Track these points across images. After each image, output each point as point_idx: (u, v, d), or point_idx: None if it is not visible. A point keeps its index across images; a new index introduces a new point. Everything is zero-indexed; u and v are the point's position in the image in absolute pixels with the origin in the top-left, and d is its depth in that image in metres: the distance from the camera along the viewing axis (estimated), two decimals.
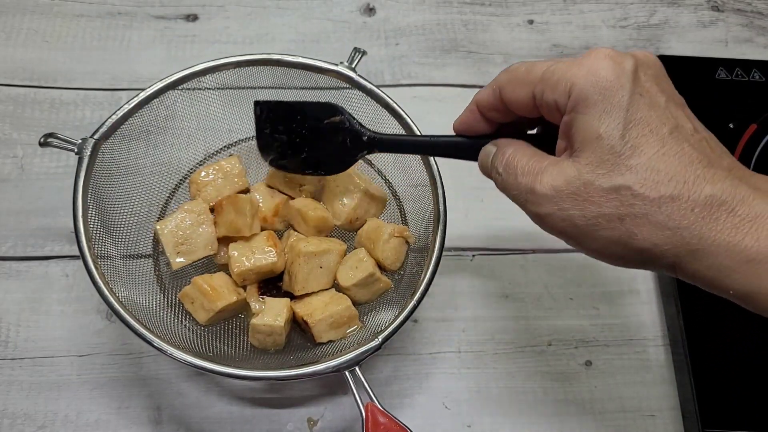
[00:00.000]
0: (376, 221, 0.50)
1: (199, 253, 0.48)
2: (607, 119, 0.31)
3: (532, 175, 0.34)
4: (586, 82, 0.31)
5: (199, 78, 0.51)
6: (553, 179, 0.33)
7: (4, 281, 0.54)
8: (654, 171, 0.30)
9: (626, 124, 0.31)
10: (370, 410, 0.41)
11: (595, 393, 0.53)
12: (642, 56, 0.33)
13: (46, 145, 0.47)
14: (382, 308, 0.49)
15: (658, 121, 0.31)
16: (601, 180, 0.31)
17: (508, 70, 0.36)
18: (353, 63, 0.52)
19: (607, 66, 0.31)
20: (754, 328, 0.53)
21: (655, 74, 0.33)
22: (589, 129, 0.31)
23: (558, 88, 0.33)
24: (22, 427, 0.49)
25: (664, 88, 0.32)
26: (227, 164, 0.52)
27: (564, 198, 0.32)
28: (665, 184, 0.30)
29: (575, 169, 0.32)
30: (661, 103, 0.32)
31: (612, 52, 0.32)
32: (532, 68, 0.34)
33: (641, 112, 0.31)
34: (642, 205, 0.30)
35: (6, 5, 0.66)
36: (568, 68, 0.32)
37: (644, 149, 0.30)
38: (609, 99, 0.31)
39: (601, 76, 0.31)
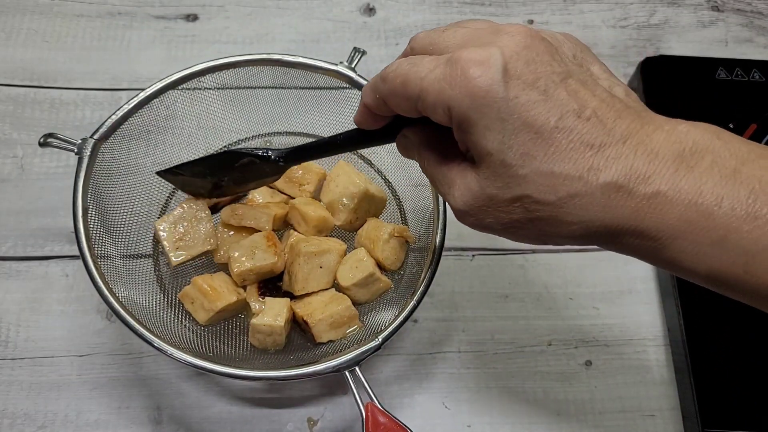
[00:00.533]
0: (375, 221, 0.50)
1: (198, 248, 0.48)
2: (491, 135, 0.30)
3: (446, 186, 0.34)
4: (462, 104, 0.30)
5: (199, 78, 0.51)
6: (462, 195, 0.33)
7: (4, 281, 0.54)
8: (547, 175, 0.30)
9: (510, 135, 0.30)
10: (370, 410, 0.41)
11: (595, 393, 0.53)
12: (509, 41, 0.31)
13: (46, 145, 0.47)
14: (382, 308, 0.49)
15: (541, 118, 0.30)
16: (501, 192, 0.31)
17: (385, 79, 0.34)
18: (353, 63, 0.52)
19: (477, 75, 0.30)
20: (754, 328, 0.53)
21: (527, 59, 0.30)
22: (479, 146, 0.31)
23: (437, 111, 0.31)
24: (22, 427, 0.49)
25: (539, 73, 0.30)
26: None
27: (476, 210, 0.33)
28: (561, 185, 0.30)
29: (477, 183, 0.32)
30: (540, 94, 0.30)
31: (478, 52, 0.30)
32: (406, 81, 0.32)
33: (522, 116, 0.30)
34: (546, 209, 0.31)
35: (6, 5, 0.66)
36: (440, 87, 0.31)
37: (533, 154, 0.30)
38: (487, 115, 0.30)
39: (474, 92, 0.30)
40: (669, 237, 0.30)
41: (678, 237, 0.29)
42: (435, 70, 0.31)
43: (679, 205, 0.29)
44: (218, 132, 0.56)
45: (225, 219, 0.50)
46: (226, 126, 0.56)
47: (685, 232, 0.29)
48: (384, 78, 0.34)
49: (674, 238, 0.30)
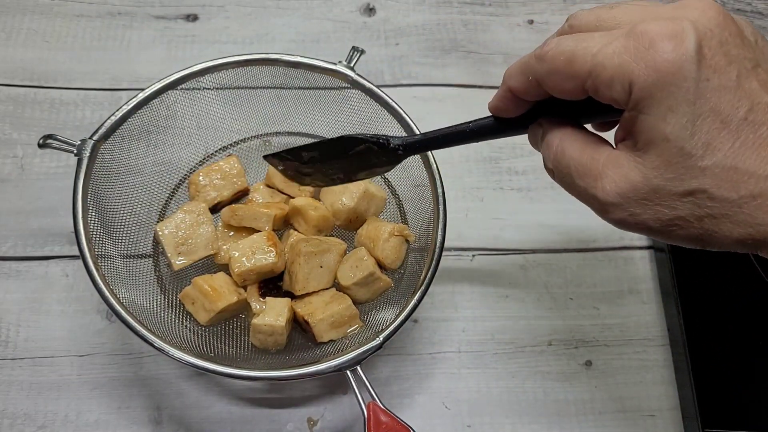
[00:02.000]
0: (375, 220, 0.50)
1: (199, 253, 0.48)
2: (674, 118, 0.27)
3: (590, 179, 0.31)
4: (647, 79, 0.27)
5: (198, 78, 0.51)
6: (616, 185, 0.30)
7: (4, 281, 0.54)
8: (731, 170, 0.27)
9: (695, 120, 0.27)
10: (372, 409, 0.41)
11: (595, 393, 0.53)
12: (702, 16, 0.28)
13: (45, 146, 0.47)
14: (383, 307, 0.49)
15: (731, 107, 0.27)
16: (672, 185, 0.28)
17: (543, 58, 0.31)
18: (352, 62, 0.52)
19: (668, 51, 0.27)
20: (754, 328, 0.53)
21: (721, 39, 0.28)
22: (655, 130, 0.28)
23: (614, 86, 0.29)
24: (22, 427, 0.49)
25: (732, 57, 0.28)
26: (226, 165, 0.52)
27: (633, 204, 0.30)
28: (744, 183, 0.27)
29: (641, 173, 0.29)
30: (732, 80, 0.27)
31: (668, 25, 0.27)
32: (573, 57, 0.30)
33: (711, 101, 0.27)
34: (721, 207, 0.28)
35: (6, 5, 0.66)
36: (621, 60, 0.28)
37: (717, 145, 0.27)
38: (674, 94, 0.27)
39: (662, 68, 0.27)
40: None
41: None
42: (612, 43, 0.28)
43: None
44: (218, 132, 0.56)
45: (225, 220, 0.50)
46: (225, 126, 0.56)
47: None
48: (541, 57, 0.31)
49: None
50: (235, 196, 0.53)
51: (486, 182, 0.61)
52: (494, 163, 0.62)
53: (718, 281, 0.54)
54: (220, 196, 0.52)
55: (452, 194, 0.59)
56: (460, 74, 0.66)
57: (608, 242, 0.59)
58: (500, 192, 0.60)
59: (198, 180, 0.52)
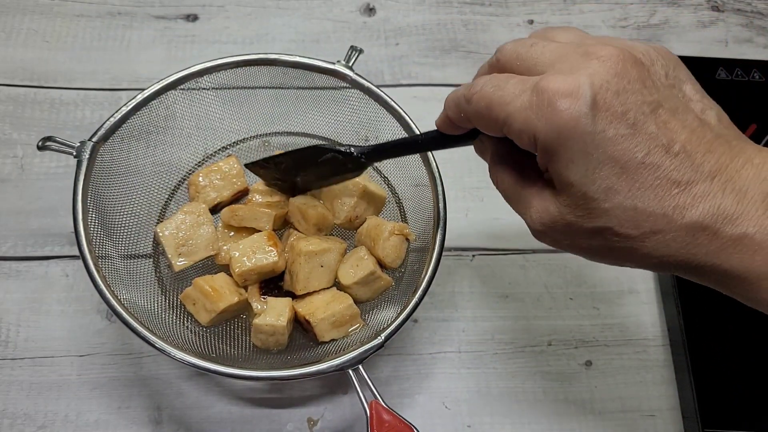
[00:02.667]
0: (375, 219, 0.50)
1: (200, 254, 0.48)
2: (574, 168, 0.30)
3: (521, 206, 0.35)
4: (548, 135, 0.30)
5: (197, 79, 0.51)
6: (540, 217, 0.33)
7: (4, 281, 0.54)
8: (631, 210, 0.30)
9: (594, 169, 0.29)
10: (375, 408, 0.41)
11: (595, 393, 0.53)
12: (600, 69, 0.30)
13: (45, 148, 0.46)
14: (384, 306, 0.49)
15: (627, 153, 0.29)
16: (582, 222, 0.31)
17: (470, 101, 0.33)
18: (350, 61, 0.52)
19: (564, 108, 0.29)
20: (754, 328, 0.53)
21: (617, 89, 0.29)
22: (562, 176, 0.31)
23: (522, 139, 0.31)
24: (22, 427, 0.49)
25: (629, 105, 0.29)
26: (225, 165, 0.52)
27: (555, 233, 0.33)
28: (644, 221, 0.30)
29: (557, 209, 0.32)
30: (628, 128, 0.29)
31: (566, 83, 0.29)
32: (491, 106, 0.32)
33: (608, 150, 0.29)
34: (626, 242, 0.31)
35: (6, 5, 0.66)
36: (526, 117, 0.30)
37: (617, 189, 0.29)
38: (572, 148, 0.29)
39: (559, 124, 0.29)
40: (756, 278, 0.29)
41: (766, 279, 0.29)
42: (521, 96, 0.31)
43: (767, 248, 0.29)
44: (218, 132, 0.56)
45: (225, 220, 0.50)
46: (226, 126, 0.56)
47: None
48: (468, 99, 0.34)
49: (762, 279, 0.29)
50: (234, 197, 0.53)
51: (486, 182, 0.60)
52: None
53: None
54: (220, 197, 0.52)
55: (452, 194, 0.59)
56: (460, 74, 0.66)
57: None
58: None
59: (198, 181, 0.52)
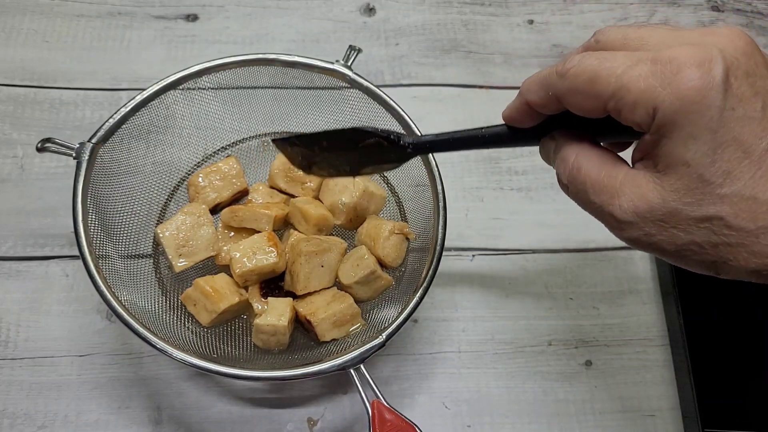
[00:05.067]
0: (375, 219, 0.50)
1: (200, 254, 0.48)
2: (695, 145, 0.27)
3: (606, 196, 0.31)
4: (671, 106, 0.27)
5: (196, 79, 0.51)
6: (633, 204, 0.29)
7: (4, 281, 0.54)
8: (750, 200, 0.27)
9: (716, 148, 0.27)
10: (377, 407, 0.41)
11: (595, 393, 0.53)
12: (730, 46, 0.28)
13: (44, 150, 0.46)
14: (384, 306, 0.49)
15: (753, 137, 0.27)
16: (690, 209, 0.28)
17: (565, 76, 0.31)
18: (349, 61, 0.52)
19: (694, 78, 0.27)
20: (754, 328, 0.53)
21: (747, 70, 0.28)
22: (675, 155, 0.28)
23: (637, 110, 0.28)
24: (22, 427, 0.49)
25: (758, 88, 0.28)
26: (225, 165, 0.52)
27: (648, 224, 0.29)
28: (763, 214, 0.27)
29: (659, 194, 0.29)
30: (757, 111, 0.27)
31: (696, 52, 0.27)
32: (595, 77, 0.29)
33: (734, 131, 0.27)
34: (738, 236, 0.28)
35: (6, 5, 0.66)
36: (647, 85, 0.28)
37: (738, 174, 0.27)
38: (697, 122, 0.27)
39: (687, 95, 0.27)
40: None
41: None
42: (637, 66, 0.28)
43: None
44: (217, 132, 0.56)
45: (225, 221, 0.50)
46: (225, 126, 0.56)
47: None
48: (563, 74, 0.31)
49: None
50: (234, 197, 0.53)
51: (486, 182, 0.61)
52: (494, 163, 0.62)
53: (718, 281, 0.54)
54: (220, 197, 0.52)
55: (452, 194, 0.59)
56: (460, 74, 0.66)
57: (608, 242, 0.59)
58: (500, 192, 0.60)
59: (197, 181, 0.52)
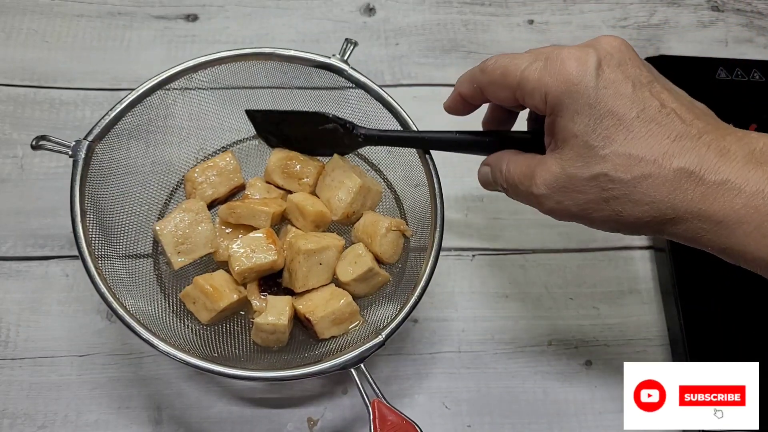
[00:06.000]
0: (372, 215, 0.50)
1: (199, 251, 0.48)
2: (579, 119, 0.34)
3: (528, 180, 0.38)
4: (557, 90, 0.35)
5: (195, 77, 0.51)
6: (543, 179, 0.37)
7: (4, 281, 0.54)
8: (624, 156, 0.34)
9: (596, 119, 0.34)
10: (377, 407, 0.41)
11: (595, 393, 0.53)
12: (606, 45, 0.36)
13: (39, 148, 0.45)
14: (382, 303, 0.49)
15: (625, 108, 0.34)
16: (581, 171, 0.35)
17: (484, 71, 0.40)
18: (345, 55, 0.51)
19: (573, 67, 0.35)
20: (754, 328, 0.53)
21: (619, 61, 0.35)
22: (566, 129, 0.35)
23: (534, 96, 0.36)
24: (22, 427, 0.49)
25: (628, 74, 0.35)
26: (221, 161, 0.52)
27: (557, 192, 0.36)
28: (636, 166, 0.33)
29: (559, 165, 0.36)
30: (627, 90, 0.34)
31: (576, 51, 0.35)
32: (506, 72, 0.38)
33: (608, 104, 0.34)
34: (619, 188, 0.34)
35: (6, 5, 0.66)
36: (540, 75, 0.36)
37: (614, 138, 0.34)
38: (578, 100, 0.34)
39: (568, 81, 0.35)
40: (734, 222, 0.32)
41: (744, 222, 0.32)
42: (535, 62, 0.36)
43: (747, 192, 0.32)
44: (217, 132, 0.56)
45: (223, 217, 0.50)
46: (225, 126, 0.56)
47: (751, 217, 0.32)
48: (483, 69, 0.40)
49: (740, 223, 0.32)
50: (231, 193, 0.53)
51: None
52: None
53: (718, 281, 0.54)
54: (217, 193, 0.52)
55: (452, 194, 0.59)
56: (460, 74, 0.66)
57: (608, 242, 0.59)
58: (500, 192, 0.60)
59: (194, 177, 0.51)
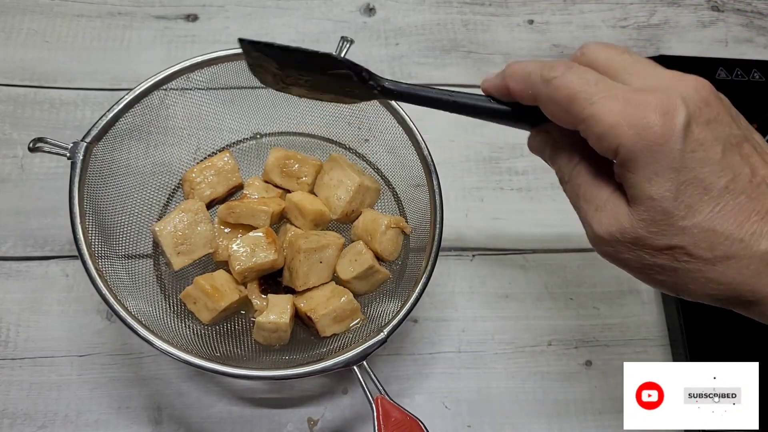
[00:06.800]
0: (372, 213, 0.50)
1: (199, 251, 0.48)
2: (658, 182, 0.30)
3: (592, 207, 0.33)
4: (635, 145, 0.30)
5: (188, 75, 0.50)
6: (609, 224, 0.32)
7: (4, 281, 0.54)
8: (708, 232, 0.30)
9: (679, 185, 0.29)
10: (381, 404, 0.41)
11: (595, 393, 0.53)
12: (694, 93, 0.30)
13: (36, 150, 0.45)
14: (383, 300, 0.49)
15: (713, 176, 0.30)
16: (655, 238, 0.31)
17: (548, 84, 0.32)
18: (341, 53, 0.51)
19: (658, 123, 0.29)
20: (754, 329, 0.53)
21: (709, 117, 0.30)
22: (640, 189, 0.30)
23: (603, 143, 0.31)
24: (22, 427, 0.49)
25: (718, 134, 0.30)
26: (219, 161, 0.52)
27: (619, 244, 0.32)
28: (720, 245, 0.30)
29: (629, 222, 0.31)
30: (717, 155, 0.30)
31: (662, 99, 0.30)
32: (573, 99, 0.32)
33: (694, 170, 0.29)
34: (696, 264, 0.30)
35: (6, 5, 0.66)
36: (615, 121, 0.30)
37: (698, 209, 0.30)
38: (659, 161, 0.30)
39: (651, 138, 0.29)
40: None
41: None
42: (609, 99, 0.31)
43: None
44: (217, 132, 0.56)
45: (222, 217, 0.50)
46: (225, 126, 0.56)
47: None
48: (547, 82, 0.33)
49: None
50: (229, 192, 0.53)
51: (486, 182, 0.61)
52: (494, 163, 0.62)
53: None
54: (215, 193, 0.51)
55: (452, 194, 0.59)
56: (460, 74, 0.66)
57: None
58: (500, 192, 0.60)
59: (192, 177, 0.51)
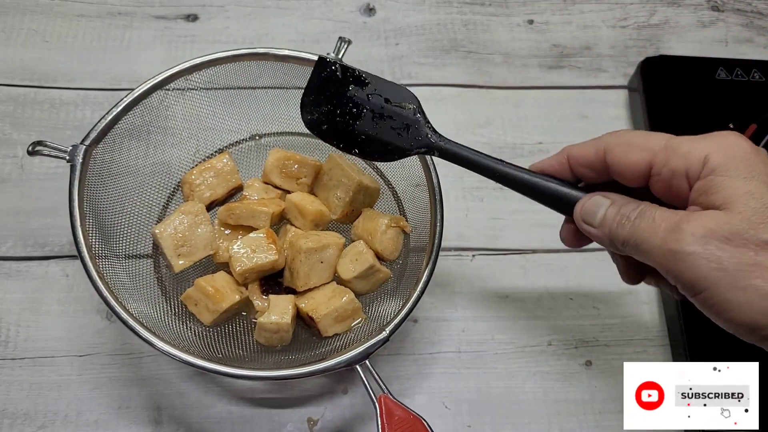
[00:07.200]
0: (372, 212, 0.50)
1: (199, 253, 0.48)
2: (753, 182, 0.31)
3: (675, 218, 0.32)
4: (725, 155, 0.32)
5: (188, 76, 0.51)
6: (702, 222, 0.31)
7: (4, 281, 0.54)
8: None
9: None
10: (384, 402, 0.41)
11: (595, 393, 0.53)
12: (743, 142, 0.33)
13: (35, 153, 0.45)
14: (384, 300, 0.49)
15: None
16: (756, 230, 0.30)
17: (616, 134, 0.36)
18: (339, 53, 0.51)
19: (744, 143, 0.32)
20: None
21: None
22: (737, 187, 0.31)
23: (689, 157, 0.32)
24: (22, 427, 0.49)
25: None
26: (218, 162, 0.52)
27: (714, 239, 0.31)
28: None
29: (726, 217, 0.31)
30: None
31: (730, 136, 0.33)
32: (650, 137, 0.34)
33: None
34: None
35: (6, 5, 0.66)
36: (698, 142, 0.33)
37: None
38: (751, 168, 0.31)
39: (739, 150, 0.32)
40: None
41: None
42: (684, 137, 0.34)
43: None
44: (217, 133, 0.56)
45: (222, 219, 0.50)
46: (225, 127, 0.56)
47: None
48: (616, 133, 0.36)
49: None
50: (229, 194, 0.53)
51: (486, 182, 0.60)
52: None
53: None
54: (215, 195, 0.51)
55: (452, 194, 0.59)
56: (460, 74, 0.66)
57: None
58: (500, 192, 0.60)
59: (191, 179, 0.51)
